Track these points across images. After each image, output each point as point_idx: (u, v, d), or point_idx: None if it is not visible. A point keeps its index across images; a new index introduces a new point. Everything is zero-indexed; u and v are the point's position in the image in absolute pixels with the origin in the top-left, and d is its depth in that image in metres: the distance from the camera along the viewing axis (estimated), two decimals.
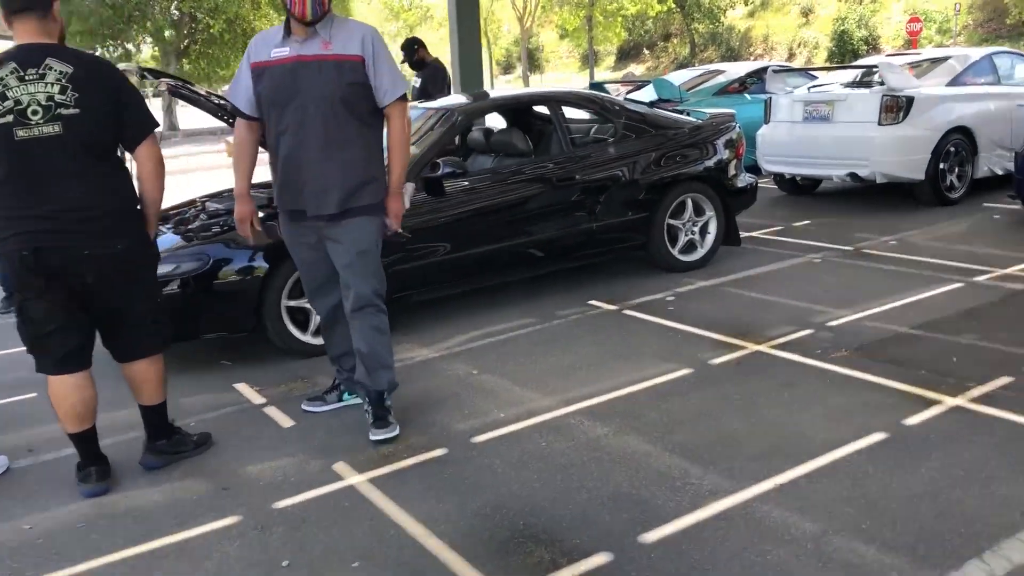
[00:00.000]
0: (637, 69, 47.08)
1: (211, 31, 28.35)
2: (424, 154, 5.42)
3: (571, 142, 5.93)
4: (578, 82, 44.28)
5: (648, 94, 10.60)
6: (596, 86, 11.81)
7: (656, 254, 6.19)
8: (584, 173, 5.80)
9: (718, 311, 5.33)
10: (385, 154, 3.72)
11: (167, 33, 28.57)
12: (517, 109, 6.63)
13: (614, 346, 4.81)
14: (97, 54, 5.23)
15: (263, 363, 4.91)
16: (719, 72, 11.21)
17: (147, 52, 33.04)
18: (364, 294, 3.69)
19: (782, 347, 4.61)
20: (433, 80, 8.42)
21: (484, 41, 53.41)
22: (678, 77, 11.58)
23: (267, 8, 29.01)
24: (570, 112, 6.28)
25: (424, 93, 8.31)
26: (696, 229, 6.33)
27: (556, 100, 6.04)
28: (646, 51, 50.08)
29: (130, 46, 29.25)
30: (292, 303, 4.89)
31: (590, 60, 46.52)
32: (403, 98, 3.65)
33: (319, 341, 4.63)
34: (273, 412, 4.24)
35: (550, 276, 6.06)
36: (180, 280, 4.72)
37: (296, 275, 4.57)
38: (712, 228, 6.38)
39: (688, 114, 6.75)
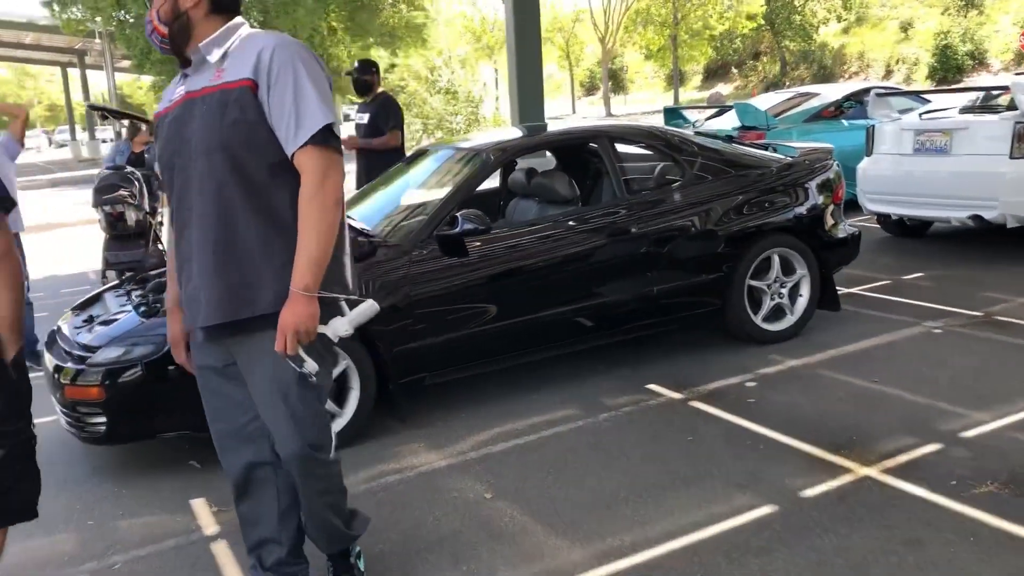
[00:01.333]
0: (725, 89, 45.45)
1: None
2: (441, 207, 4.42)
3: (626, 186, 4.84)
4: (663, 102, 43.00)
5: (730, 121, 9.43)
6: (671, 111, 10.66)
7: (735, 323, 5.04)
8: (642, 224, 4.71)
9: (812, 407, 4.15)
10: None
11: None
12: (565, 147, 5.58)
13: (675, 461, 3.69)
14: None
15: None
16: (812, 95, 9.93)
17: None
18: (292, 452, 2.48)
19: (900, 472, 3.42)
20: (385, 114, 7.00)
21: (566, 63, 52.75)
22: (765, 101, 10.35)
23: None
24: (630, 151, 5.22)
25: (373, 130, 7.01)
26: (785, 291, 5.15)
27: (608, 136, 4.95)
28: (734, 70, 48.39)
29: None
30: None
31: (675, 81, 45.17)
32: (322, 141, 2.29)
33: None
34: (221, 552, 3.26)
35: (601, 350, 4.96)
36: (131, 367, 3.81)
37: None
38: (804, 290, 5.19)
39: (775, 150, 5.57)
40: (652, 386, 4.58)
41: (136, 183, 7.43)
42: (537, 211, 5.22)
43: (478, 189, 5.93)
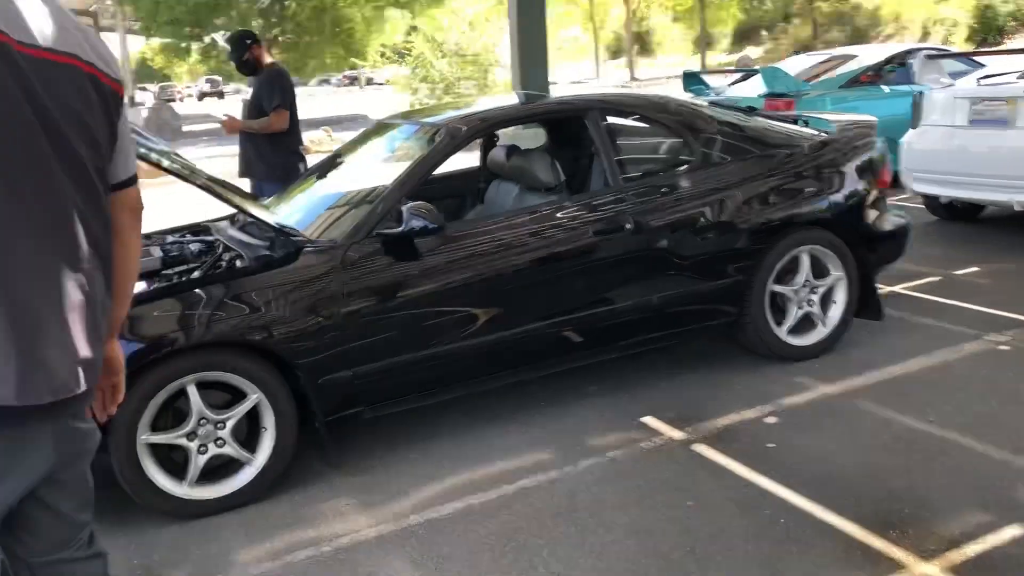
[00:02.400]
0: (754, 52, 43.91)
1: (296, 19, 27.11)
2: (385, 198, 3.53)
3: (621, 170, 3.92)
4: (692, 67, 41.52)
5: (756, 87, 8.42)
6: (691, 77, 9.63)
7: (754, 336, 4.12)
8: (639, 217, 3.80)
9: (849, 458, 3.25)
10: None
11: (253, 23, 27.43)
12: (553, 122, 4.64)
13: (667, 540, 2.81)
14: None
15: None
16: (849, 57, 8.88)
17: None
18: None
19: (977, 570, 2.52)
20: (269, 91, 5.74)
21: (590, 25, 51.14)
22: (798, 64, 9.31)
23: None
24: (631, 127, 4.30)
25: (257, 109, 5.80)
26: (815, 298, 4.21)
27: (600, 108, 4.01)
28: (764, 33, 46.76)
29: (217, 36, 28.33)
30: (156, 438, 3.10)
31: (701, 44, 43.69)
32: None
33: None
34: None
35: (589, 370, 4.08)
36: None
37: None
38: (840, 296, 4.25)
39: (806, 123, 4.61)
40: (648, 420, 3.69)
41: None
42: (516, 198, 4.32)
43: (457, 169, 5.11)
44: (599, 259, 3.74)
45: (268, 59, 5.97)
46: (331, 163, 4.41)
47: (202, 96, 54.83)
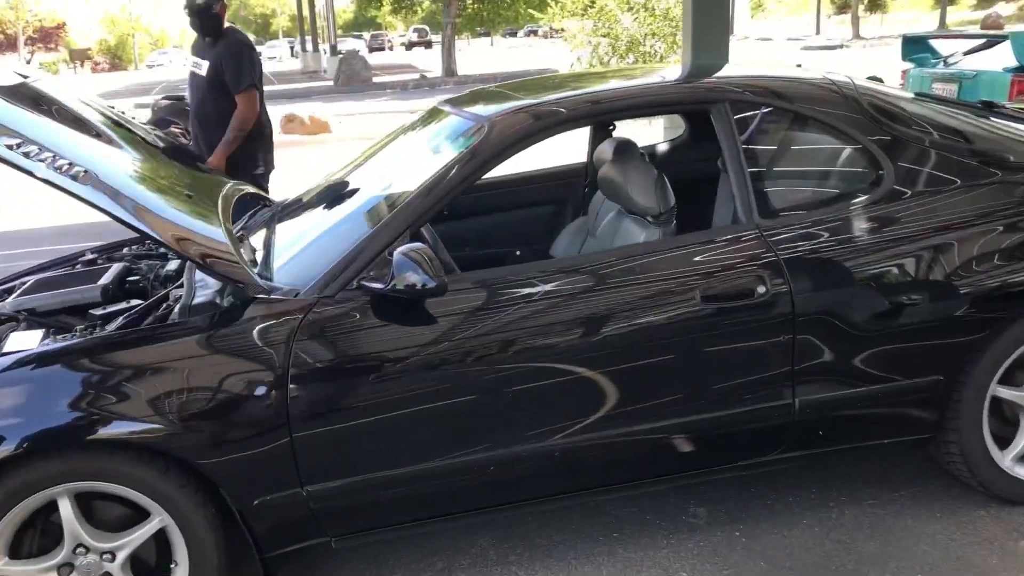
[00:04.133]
0: (1005, 8, 38.78)
1: None
2: (380, 232, 2.36)
3: (761, 199, 2.53)
4: (928, 24, 37.30)
5: (1001, 58, 6.52)
6: (913, 42, 7.74)
7: (959, 461, 2.66)
8: (780, 278, 2.42)
9: None
10: None
11: None
12: (690, 114, 3.26)
13: None
14: None
15: None
16: None
17: None
18: None
19: None
20: (236, 64, 4.55)
21: None
22: None
23: None
24: (791, 131, 2.87)
25: (216, 84, 4.61)
26: None
27: (733, 100, 2.62)
28: None
29: None
30: None
31: None
32: None
33: None
34: None
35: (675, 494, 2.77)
36: None
37: None
38: None
39: None
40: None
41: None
42: (613, 221, 3.04)
43: (560, 166, 3.87)
44: (708, 339, 2.41)
45: (225, 24, 4.73)
46: (356, 163, 3.25)
47: (410, 45, 55.38)
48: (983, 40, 7.73)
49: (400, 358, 2.27)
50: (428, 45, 52.88)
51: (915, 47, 7.70)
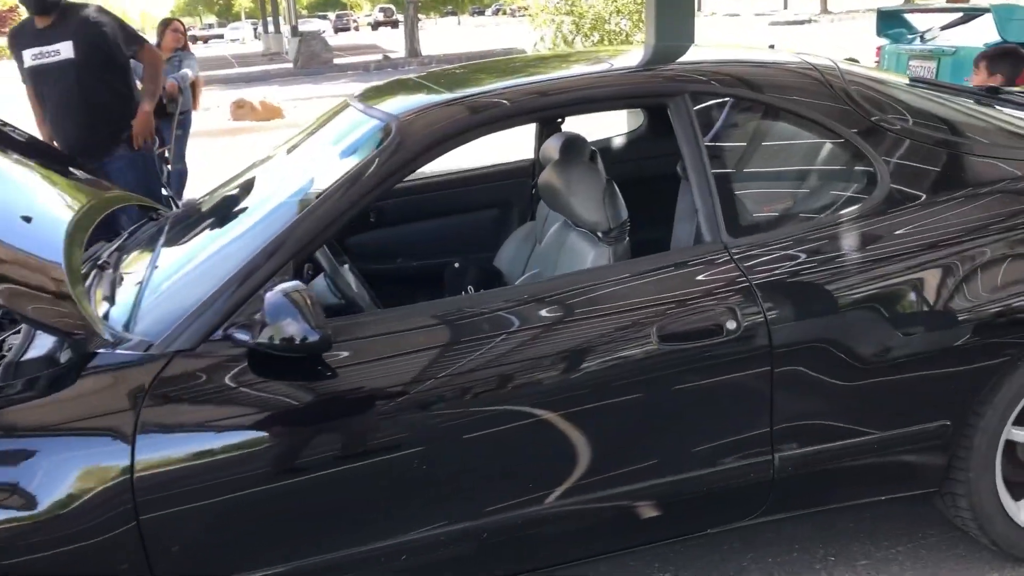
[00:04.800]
0: None
1: None
2: (244, 271, 1.88)
3: (729, 212, 2.08)
4: None
5: (983, 32, 6.13)
6: (888, 17, 7.31)
7: (967, 514, 2.24)
8: (751, 308, 1.97)
9: None
10: None
11: None
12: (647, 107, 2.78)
13: None
14: None
15: None
16: None
17: None
18: None
19: None
20: (106, 27, 4.00)
21: None
22: None
23: None
24: (755, 129, 2.41)
25: (95, 63, 4.00)
26: None
27: (694, 91, 2.15)
28: None
29: None
30: None
31: None
32: None
33: None
34: None
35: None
36: None
37: None
38: None
39: None
40: None
41: None
42: (558, 233, 2.59)
43: (507, 164, 3.42)
44: (668, 387, 1.97)
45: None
46: (256, 168, 2.74)
47: (376, 25, 54.41)
48: (960, 14, 7.33)
49: (284, 425, 1.80)
50: (395, 25, 51.88)
51: (890, 22, 7.28)
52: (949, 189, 2.16)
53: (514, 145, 3.58)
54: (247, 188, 2.47)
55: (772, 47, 2.82)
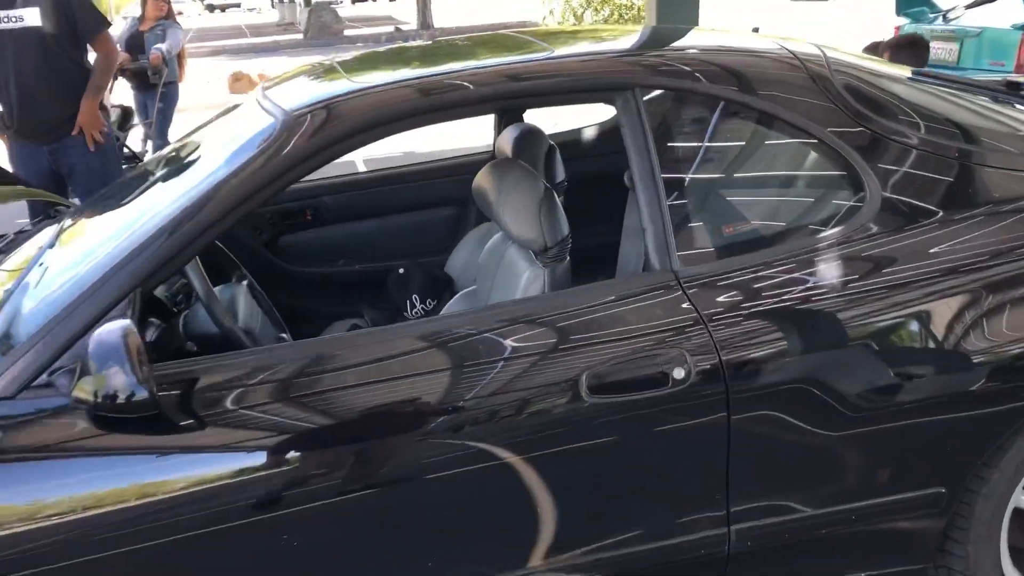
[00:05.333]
0: None
1: None
2: (77, 303, 1.53)
3: (685, 234, 1.72)
4: None
5: (1009, 13, 5.70)
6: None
7: None
8: (700, 352, 1.62)
9: None
10: None
11: None
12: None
13: None
14: None
15: None
16: None
17: None
18: None
19: None
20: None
21: None
22: None
23: None
24: (717, 131, 2.02)
25: (60, 36, 3.63)
26: None
27: (645, 84, 1.78)
28: None
29: None
30: None
31: None
32: None
33: None
34: None
35: None
36: None
37: None
38: None
39: None
40: None
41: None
42: (497, 249, 2.23)
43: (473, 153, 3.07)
44: (601, 448, 1.62)
45: None
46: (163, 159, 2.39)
47: None
48: None
49: (120, 492, 1.47)
50: None
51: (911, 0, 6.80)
52: (958, 207, 1.79)
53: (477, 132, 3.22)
54: (128, 189, 2.11)
55: (756, 30, 2.43)
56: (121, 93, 6.30)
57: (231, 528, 1.48)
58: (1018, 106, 2.14)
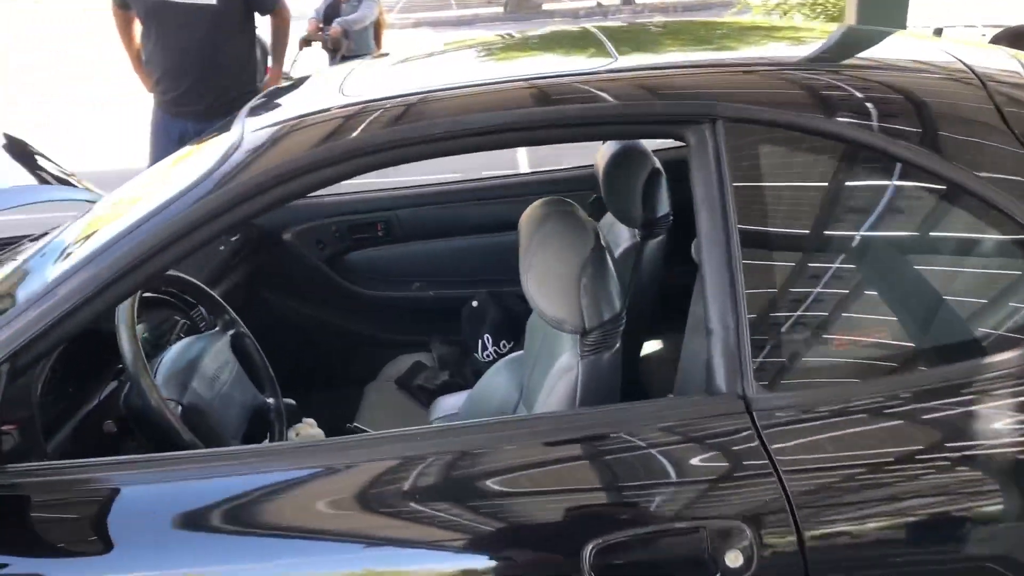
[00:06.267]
0: None
1: None
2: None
3: (767, 343, 1.15)
4: None
5: None
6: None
7: None
8: (765, 524, 1.06)
9: None
10: None
11: None
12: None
13: None
14: None
15: None
16: None
17: None
18: None
19: None
20: None
21: None
22: None
23: None
24: (839, 186, 1.40)
25: (233, 12, 3.29)
26: None
27: (734, 117, 1.20)
28: None
29: None
30: None
31: None
32: None
33: None
34: None
35: None
36: None
37: None
38: None
39: None
40: None
41: None
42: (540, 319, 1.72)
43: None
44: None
45: None
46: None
47: None
48: None
49: None
50: None
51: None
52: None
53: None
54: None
55: (939, 32, 1.77)
56: (309, 64, 6.14)
57: None
58: None
